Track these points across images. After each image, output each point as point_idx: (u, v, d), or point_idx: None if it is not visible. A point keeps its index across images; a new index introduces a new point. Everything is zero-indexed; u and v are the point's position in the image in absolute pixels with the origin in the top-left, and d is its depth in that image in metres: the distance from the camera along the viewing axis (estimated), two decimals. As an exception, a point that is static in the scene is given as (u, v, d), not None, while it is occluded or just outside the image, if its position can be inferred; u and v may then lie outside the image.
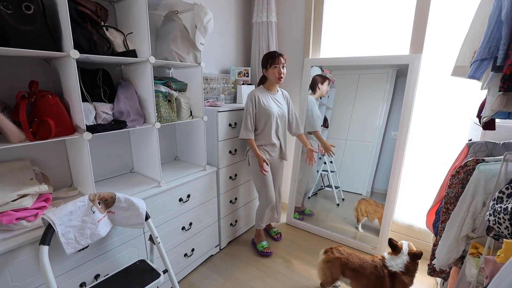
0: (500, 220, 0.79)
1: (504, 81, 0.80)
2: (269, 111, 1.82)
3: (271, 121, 1.83)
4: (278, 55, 1.78)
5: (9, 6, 0.96)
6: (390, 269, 1.39)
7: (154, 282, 1.18)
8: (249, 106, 1.80)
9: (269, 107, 1.83)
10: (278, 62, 1.77)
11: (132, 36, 1.41)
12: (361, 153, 2.24)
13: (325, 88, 2.22)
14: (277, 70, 1.78)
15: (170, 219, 1.59)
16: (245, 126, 1.83)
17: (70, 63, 1.11)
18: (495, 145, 1.22)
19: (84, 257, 1.19)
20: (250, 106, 1.80)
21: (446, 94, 1.81)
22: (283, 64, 1.80)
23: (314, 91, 2.23)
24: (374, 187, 2.27)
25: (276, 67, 1.78)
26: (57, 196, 1.30)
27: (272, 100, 1.87)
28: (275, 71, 1.78)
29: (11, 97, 1.15)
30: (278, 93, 1.94)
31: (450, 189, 1.19)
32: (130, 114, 1.38)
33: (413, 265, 1.40)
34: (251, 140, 1.84)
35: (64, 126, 1.16)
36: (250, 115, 1.80)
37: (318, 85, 2.22)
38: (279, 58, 1.77)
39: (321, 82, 2.21)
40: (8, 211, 1.01)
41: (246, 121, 1.82)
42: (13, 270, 0.99)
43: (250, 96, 1.81)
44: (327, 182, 2.42)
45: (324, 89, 2.22)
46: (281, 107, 1.91)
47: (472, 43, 1.10)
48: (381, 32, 2.00)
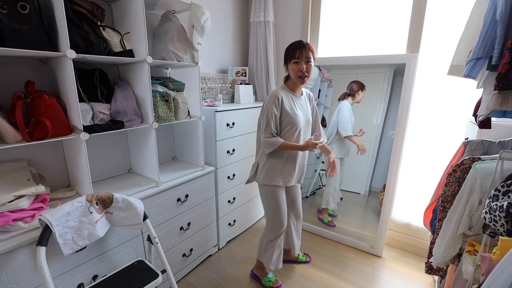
0: (495, 218, 0.80)
1: (499, 80, 0.81)
2: (294, 120, 1.43)
3: (295, 132, 1.45)
4: (301, 47, 1.36)
5: (5, 6, 0.96)
6: None
7: (153, 283, 1.17)
8: (272, 109, 1.39)
9: (294, 114, 1.43)
10: (299, 56, 1.36)
11: (129, 36, 1.40)
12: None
13: (361, 96, 2.11)
14: (298, 67, 1.38)
15: (168, 219, 1.58)
16: (269, 134, 1.41)
17: (67, 63, 1.11)
18: (491, 143, 1.23)
19: (82, 258, 1.19)
20: (274, 109, 1.39)
21: (443, 93, 1.82)
22: (307, 59, 1.37)
23: (353, 97, 2.13)
24: (372, 186, 2.28)
25: (297, 62, 1.38)
26: (54, 197, 1.29)
27: (297, 105, 1.48)
28: (295, 67, 1.39)
29: (7, 98, 1.15)
30: (302, 96, 1.55)
31: (447, 188, 1.20)
32: (127, 114, 1.38)
33: None
34: (284, 143, 1.40)
35: (61, 126, 1.15)
36: (273, 121, 1.40)
37: (358, 91, 2.11)
38: (301, 51, 1.36)
39: (361, 89, 2.11)
40: (5, 212, 1.00)
41: (270, 128, 1.40)
42: (10, 271, 0.98)
43: (273, 97, 1.41)
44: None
45: (361, 97, 2.11)
46: (306, 113, 1.54)
47: (467, 42, 1.10)
48: (378, 32, 2.01)
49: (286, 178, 1.53)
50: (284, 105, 1.42)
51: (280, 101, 1.41)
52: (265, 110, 1.43)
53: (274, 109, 1.40)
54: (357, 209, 2.34)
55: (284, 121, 1.44)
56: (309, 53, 1.38)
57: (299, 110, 1.48)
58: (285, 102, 1.43)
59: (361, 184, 2.27)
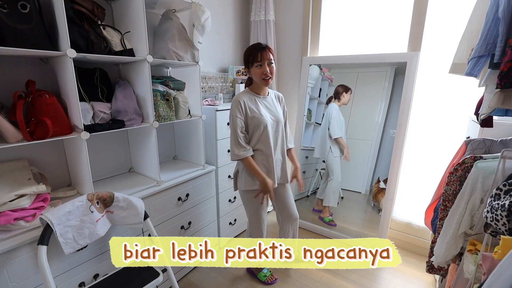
0: (497, 217, 0.79)
1: (501, 78, 0.80)
2: (260, 119, 1.42)
3: (265, 133, 1.44)
4: (261, 50, 1.36)
5: (5, 5, 0.96)
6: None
7: (153, 281, 1.18)
8: (236, 115, 1.40)
9: (259, 114, 1.43)
10: (261, 59, 1.36)
11: (129, 35, 1.40)
12: (359, 151, 2.24)
13: (347, 97, 2.18)
14: (261, 70, 1.38)
15: (169, 218, 1.58)
16: (235, 143, 1.41)
17: (67, 62, 1.11)
18: (492, 142, 1.22)
19: (83, 257, 1.19)
20: (237, 114, 1.40)
21: (444, 91, 1.81)
22: (269, 61, 1.38)
23: (338, 99, 2.20)
24: (373, 185, 2.27)
25: (260, 65, 1.37)
26: (55, 196, 1.30)
27: (261, 105, 1.47)
28: (258, 71, 1.38)
29: (8, 97, 1.15)
30: (269, 96, 1.54)
31: (448, 187, 1.20)
32: (128, 113, 1.38)
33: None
34: (248, 159, 1.41)
35: (62, 125, 1.16)
36: (239, 127, 1.40)
37: (342, 94, 2.18)
38: (263, 54, 1.36)
39: (345, 91, 2.18)
40: (6, 211, 1.01)
41: (236, 135, 1.40)
42: (12, 270, 0.99)
43: (235, 103, 1.41)
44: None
45: (347, 99, 2.18)
46: (275, 113, 1.51)
47: (469, 41, 1.10)
48: (379, 30, 2.00)
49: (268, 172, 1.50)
50: (247, 108, 1.42)
51: (243, 105, 1.42)
52: (230, 116, 1.44)
53: (238, 114, 1.41)
54: (358, 208, 2.33)
55: (250, 124, 1.44)
56: (270, 55, 1.39)
57: (265, 110, 1.48)
58: (248, 105, 1.43)
59: (362, 183, 2.26)
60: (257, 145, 1.47)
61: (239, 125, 1.41)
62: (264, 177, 1.43)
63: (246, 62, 1.43)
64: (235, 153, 1.42)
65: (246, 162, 1.42)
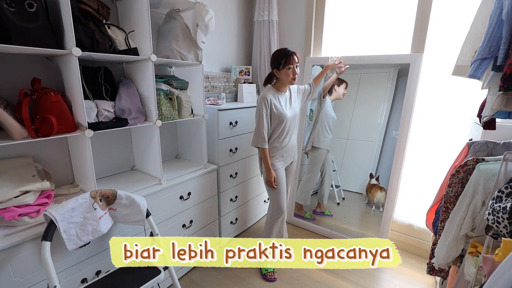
0: (499, 219, 0.79)
1: (504, 81, 0.80)
2: (282, 116, 1.65)
3: (284, 127, 1.68)
4: (292, 54, 1.58)
5: (12, 4, 0.97)
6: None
7: (155, 279, 1.19)
8: (262, 110, 1.61)
9: (282, 110, 1.66)
10: (292, 62, 1.58)
11: (133, 34, 1.41)
12: (362, 152, 2.24)
13: (341, 90, 2.16)
14: (292, 71, 1.60)
15: (171, 217, 1.59)
16: (258, 133, 1.64)
17: (72, 60, 1.12)
18: (495, 144, 1.22)
19: (85, 253, 1.20)
20: (264, 110, 1.61)
21: (447, 93, 1.81)
22: (297, 64, 1.61)
23: (330, 93, 2.17)
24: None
25: (290, 68, 1.59)
26: (59, 193, 1.31)
27: (283, 102, 1.69)
28: (289, 72, 1.59)
29: (13, 94, 1.16)
30: (287, 92, 1.75)
31: (450, 189, 1.20)
32: (131, 112, 1.39)
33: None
34: (265, 151, 1.65)
35: (66, 123, 1.17)
36: (264, 121, 1.61)
37: (334, 87, 2.15)
38: (293, 57, 1.58)
39: (337, 84, 2.15)
40: (11, 207, 1.02)
41: (260, 128, 1.62)
42: (16, 265, 1.00)
43: (263, 99, 1.62)
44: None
45: (341, 92, 2.16)
46: (292, 107, 1.74)
47: (473, 43, 1.09)
48: (383, 32, 2.00)
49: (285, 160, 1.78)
50: (272, 104, 1.64)
51: (269, 102, 1.63)
52: (257, 111, 1.66)
53: (264, 110, 1.62)
54: (359, 209, 2.33)
55: (273, 117, 1.67)
56: (298, 59, 1.63)
57: (285, 104, 1.71)
58: (273, 101, 1.64)
59: (364, 184, 2.26)
60: (278, 136, 1.70)
61: (265, 119, 1.63)
62: (269, 168, 1.68)
63: (278, 64, 1.61)
64: (256, 142, 1.67)
65: (262, 151, 1.68)
